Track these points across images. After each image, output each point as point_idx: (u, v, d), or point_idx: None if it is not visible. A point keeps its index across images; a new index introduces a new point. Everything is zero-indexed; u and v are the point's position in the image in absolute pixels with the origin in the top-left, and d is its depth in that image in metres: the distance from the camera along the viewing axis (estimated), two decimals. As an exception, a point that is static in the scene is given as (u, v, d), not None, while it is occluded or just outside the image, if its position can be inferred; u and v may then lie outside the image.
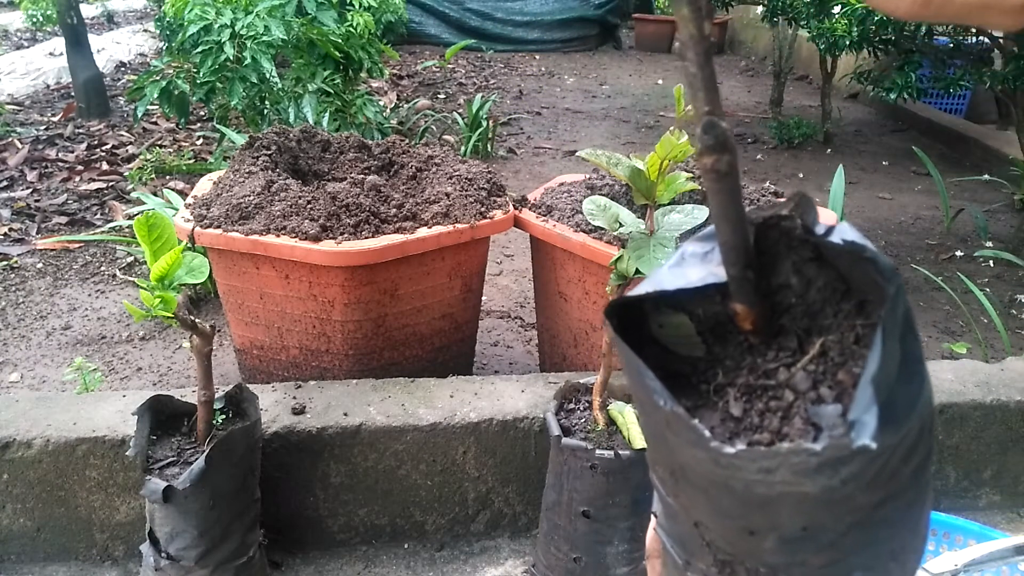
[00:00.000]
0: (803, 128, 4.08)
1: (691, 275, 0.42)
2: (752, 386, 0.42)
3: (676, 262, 0.43)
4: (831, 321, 0.41)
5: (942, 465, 1.60)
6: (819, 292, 0.42)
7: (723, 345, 0.44)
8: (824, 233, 0.39)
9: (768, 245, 0.42)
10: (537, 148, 3.99)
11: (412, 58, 6.08)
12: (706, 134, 0.36)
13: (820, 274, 0.41)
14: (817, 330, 0.41)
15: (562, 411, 1.34)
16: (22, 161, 3.40)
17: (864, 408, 0.32)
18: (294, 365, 1.67)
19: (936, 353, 2.15)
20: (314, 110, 2.89)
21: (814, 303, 0.42)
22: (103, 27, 7.07)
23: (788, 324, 0.42)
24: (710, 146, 0.36)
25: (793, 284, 0.42)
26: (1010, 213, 3.22)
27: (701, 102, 0.36)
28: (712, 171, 0.37)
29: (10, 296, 2.35)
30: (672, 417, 0.36)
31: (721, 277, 0.41)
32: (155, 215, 1.11)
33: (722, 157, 0.36)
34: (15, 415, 1.41)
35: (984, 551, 1.01)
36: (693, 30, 0.34)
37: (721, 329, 0.44)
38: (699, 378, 0.44)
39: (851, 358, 0.39)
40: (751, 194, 1.76)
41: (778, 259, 0.42)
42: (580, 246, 1.55)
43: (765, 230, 0.42)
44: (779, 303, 0.43)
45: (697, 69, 0.35)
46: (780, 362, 0.41)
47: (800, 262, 0.42)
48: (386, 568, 1.45)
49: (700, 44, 0.35)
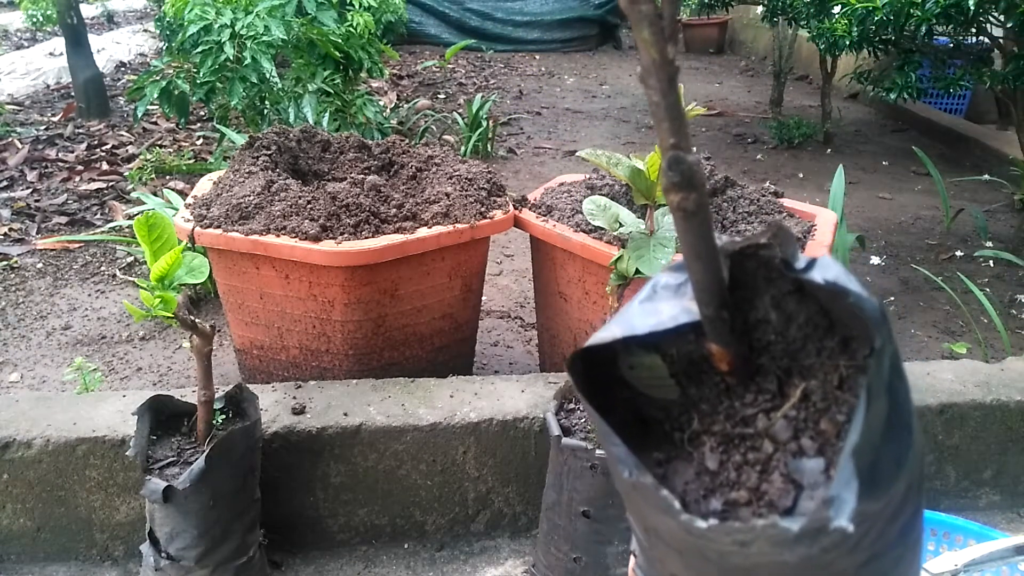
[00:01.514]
0: (803, 128, 4.08)
1: (663, 312, 0.38)
2: (729, 435, 0.38)
3: (648, 296, 0.40)
4: (813, 360, 0.38)
5: (942, 465, 1.60)
6: (800, 329, 0.38)
7: (698, 386, 0.41)
8: (805, 268, 0.36)
9: (745, 277, 0.39)
10: (537, 148, 3.99)
11: (412, 58, 6.08)
12: (671, 170, 0.33)
13: (801, 309, 0.38)
14: (798, 370, 0.38)
15: (562, 411, 1.34)
16: (22, 161, 3.40)
17: (844, 483, 0.30)
18: (294, 365, 1.67)
19: (936, 353, 2.15)
20: (314, 110, 2.89)
21: (795, 341, 0.38)
22: (103, 27, 7.07)
23: (767, 363, 0.39)
24: (676, 183, 0.33)
25: (772, 320, 0.39)
26: (1010, 213, 3.22)
27: (666, 133, 0.33)
28: (679, 209, 0.34)
29: (10, 296, 2.35)
30: (640, 485, 0.33)
31: (695, 314, 0.37)
32: (155, 215, 1.11)
33: (689, 195, 0.33)
34: (15, 415, 1.41)
35: (984, 551, 1.01)
36: (655, 55, 0.31)
37: (696, 369, 0.41)
38: (673, 424, 0.41)
39: (834, 403, 0.36)
40: (751, 194, 1.76)
41: (756, 292, 0.39)
42: (580, 246, 1.55)
43: (741, 260, 0.38)
44: (758, 340, 0.39)
45: (660, 97, 0.32)
46: (759, 407, 0.38)
47: (779, 296, 0.39)
48: (386, 568, 1.45)
49: (663, 70, 0.32)
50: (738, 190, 1.78)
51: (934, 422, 1.55)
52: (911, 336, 2.25)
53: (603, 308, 1.52)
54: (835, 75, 4.04)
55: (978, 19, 2.48)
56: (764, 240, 0.37)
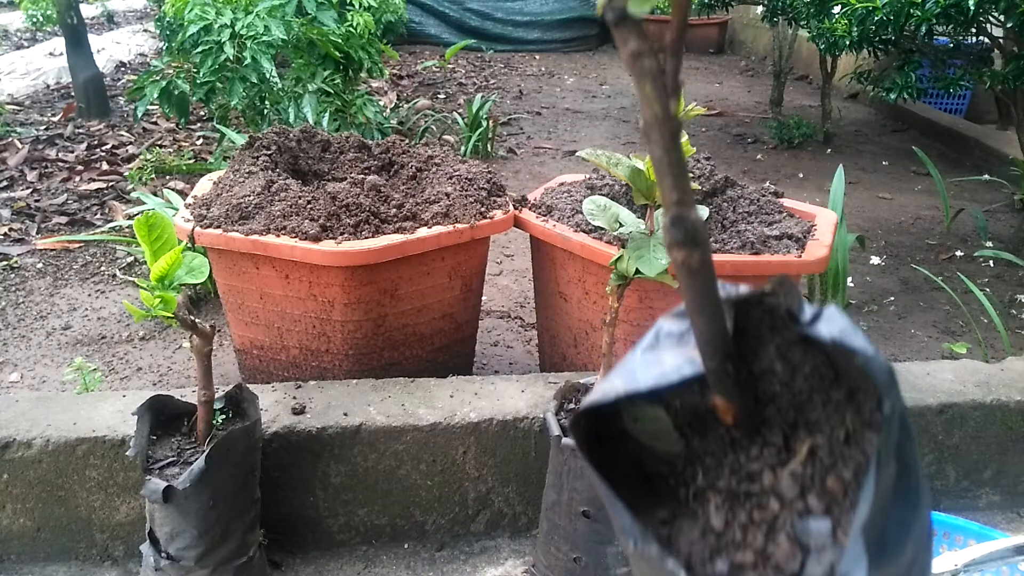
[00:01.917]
0: (803, 128, 4.08)
1: (667, 362, 0.38)
2: (735, 492, 0.38)
3: (650, 344, 0.39)
4: (819, 413, 0.37)
5: (942, 465, 1.60)
6: (806, 380, 0.38)
7: (703, 438, 0.40)
8: (811, 320, 0.35)
9: (750, 325, 0.38)
10: (537, 148, 3.99)
11: (412, 58, 6.08)
12: (674, 228, 0.32)
13: (807, 359, 0.38)
14: (804, 423, 0.38)
15: (562, 411, 1.34)
16: (22, 161, 3.40)
17: (854, 561, 0.29)
18: (294, 365, 1.66)
19: (936, 353, 2.15)
20: (314, 110, 2.89)
21: (801, 392, 0.38)
22: (103, 27, 7.07)
23: (773, 415, 0.39)
24: (679, 241, 0.32)
25: (778, 370, 0.38)
26: (1010, 213, 3.22)
27: (668, 189, 0.32)
28: (682, 267, 0.33)
29: (10, 296, 2.35)
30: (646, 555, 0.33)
31: (699, 366, 0.37)
32: (155, 215, 1.11)
33: (693, 253, 0.33)
34: (15, 415, 1.41)
35: (984, 551, 1.01)
36: (658, 110, 0.31)
37: (701, 421, 0.40)
38: (677, 480, 0.40)
39: (841, 460, 0.36)
40: (751, 194, 1.76)
41: (761, 342, 0.39)
42: (580, 246, 1.55)
43: (746, 308, 0.38)
44: (763, 391, 0.39)
45: (663, 152, 0.32)
46: (765, 462, 0.38)
47: (784, 346, 0.38)
48: (386, 568, 1.45)
49: (666, 125, 0.31)
50: (738, 190, 1.78)
51: (934, 422, 1.55)
52: (911, 336, 2.25)
53: (603, 308, 1.52)
54: (835, 75, 4.04)
55: (978, 19, 2.47)
56: (768, 290, 0.37)
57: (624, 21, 0.30)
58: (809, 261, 1.53)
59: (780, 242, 1.55)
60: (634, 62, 0.30)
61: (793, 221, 1.68)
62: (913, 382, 1.60)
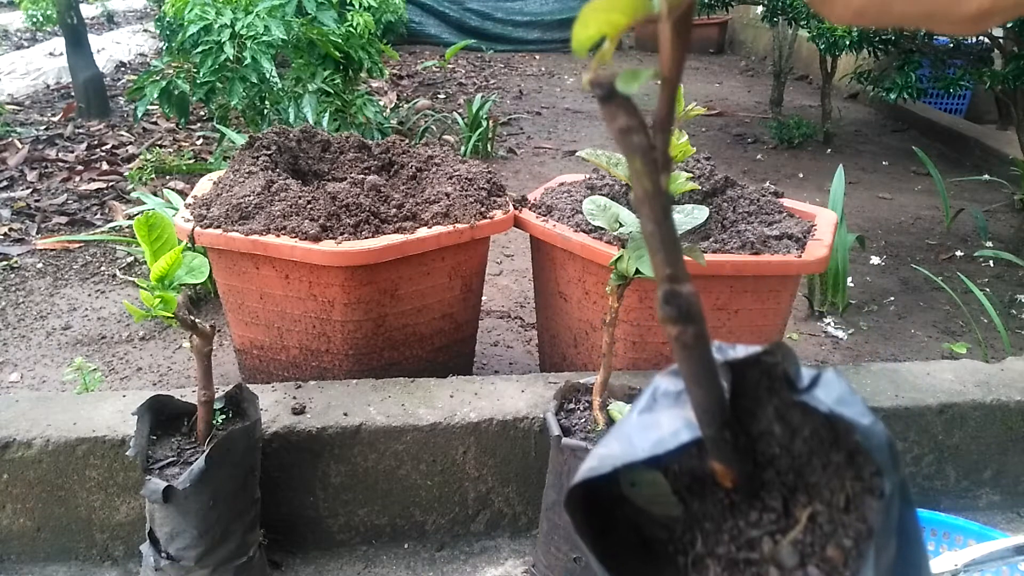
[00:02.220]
0: (803, 128, 4.08)
1: (664, 426, 0.37)
2: (734, 559, 0.37)
3: (647, 405, 0.39)
4: (819, 476, 0.37)
5: (942, 465, 1.60)
6: (805, 443, 0.37)
7: (702, 501, 0.40)
8: (809, 386, 0.35)
9: (747, 386, 0.38)
10: (537, 148, 3.99)
11: (412, 58, 6.08)
12: (667, 304, 0.32)
13: (805, 421, 0.37)
14: (804, 487, 0.37)
15: (562, 411, 1.34)
16: (22, 161, 3.40)
17: None
18: (294, 365, 1.66)
19: (936, 353, 2.15)
20: (314, 110, 2.89)
21: (800, 455, 0.37)
22: (103, 27, 7.07)
23: (772, 478, 0.38)
24: (673, 317, 0.32)
25: (776, 432, 0.38)
26: (1010, 213, 3.22)
27: (661, 264, 0.32)
28: (677, 342, 0.33)
29: (10, 296, 2.35)
30: None
31: (698, 429, 0.37)
32: (155, 215, 1.11)
33: (687, 329, 0.32)
34: (15, 415, 1.41)
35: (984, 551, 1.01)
36: (648, 185, 0.31)
37: (699, 484, 0.40)
38: (676, 546, 0.40)
39: (841, 527, 0.35)
40: (751, 194, 1.76)
41: (759, 403, 0.38)
42: (580, 246, 1.55)
43: (743, 368, 0.38)
44: (762, 452, 0.38)
45: (655, 227, 0.31)
46: (764, 529, 0.37)
47: (783, 407, 0.38)
48: (386, 568, 1.45)
49: (657, 200, 0.31)
50: (738, 190, 1.78)
51: (934, 422, 1.55)
52: (911, 336, 2.25)
53: (603, 308, 1.52)
54: (835, 75, 4.04)
55: (978, 19, 2.47)
56: (765, 351, 0.37)
57: (613, 97, 0.29)
58: (809, 261, 1.53)
59: (780, 242, 1.55)
60: (623, 137, 0.30)
61: (793, 221, 1.68)
62: (913, 382, 1.60)
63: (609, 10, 0.30)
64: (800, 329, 2.28)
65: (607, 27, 0.30)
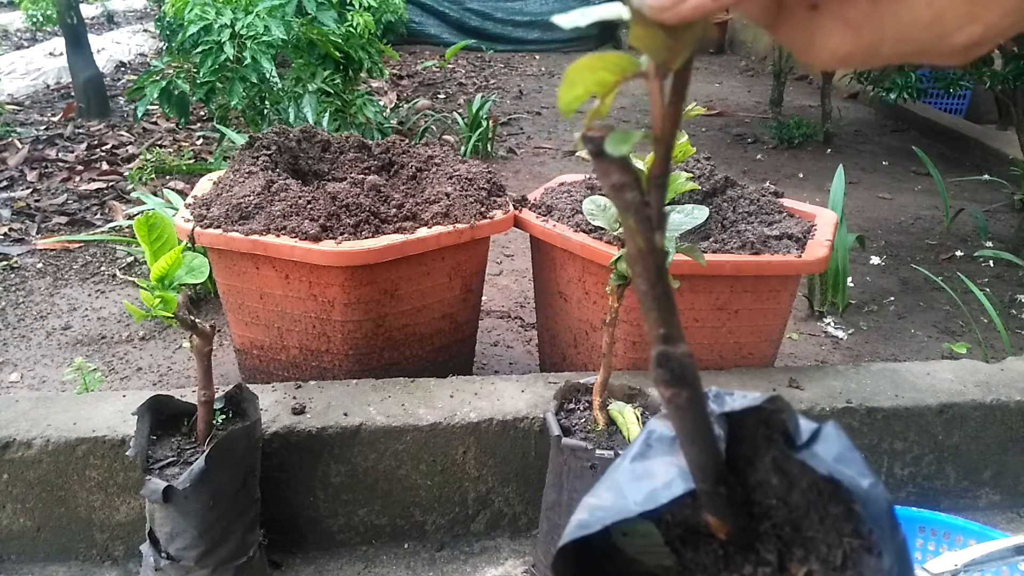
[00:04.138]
0: (803, 128, 4.08)
1: (658, 476, 0.36)
2: None
3: (640, 451, 0.37)
4: (816, 531, 0.36)
5: (942, 465, 1.60)
6: (803, 495, 0.36)
7: (695, 551, 0.39)
8: (808, 440, 0.34)
9: (745, 435, 0.37)
10: (537, 148, 3.99)
11: (412, 58, 6.08)
12: (660, 367, 0.31)
13: (804, 473, 0.36)
14: (800, 542, 0.36)
15: (562, 411, 1.34)
16: (22, 161, 3.40)
17: None
18: (294, 365, 1.66)
19: (936, 353, 2.15)
20: (314, 110, 2.89)
21: (797, 508, 0.36)
22: (103, 27, 7.06)
23: (768, 530, 0.37)
24: (666, 380, 0.31)
25: (773, 483, 0.37)
26: (1010, 213, 3.22)
27: (654, 324, 0.31)
28: (670, 404, 0.32)
29: (10, 296, 2.35)
30: None
31: (692, 480, 0.36)
32: (155, 215, 1.11)
33: (680, 392, 0.32)
34: (15, 415, 1.41)
35: (984, 551, 1.01)
36: (642, 243, 0.30)
37: (693, 534, 0.39)
38: None
39: None
40: (751, 194, 1.76)
41: (756, 452, 0.37)
42: (580, 246, 1.55)
43: (741, 417, 0.37)
44: (758, 502, 0.37)
45: (648, 287, 0.30)
46: None
47: (781, 458, 0.37)
48: (386, 568, 1.45)
49: (651, 258, 0.30)
50: (738, 190, 1.78)
51: (934, 422, 1.55)
52: (911, 336, 2.25)
53: (603, 308, 1.52)
54: (835, 75, 4.04)
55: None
56: (763, 404, 0.36)
57: (606, 153, 0.29)
58: (809, 261, 1.53)
59: (780, 242, 1.55)
60: (616, 194, 0.29)
61: (793, 221, 1.68)
62: (913, 382, 1.60)
63: (596, 69, 0.29)
64: (800, 329, 2.28)
65: (595, 86, 0.30)
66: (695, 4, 0.27)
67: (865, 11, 0.29)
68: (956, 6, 0.28)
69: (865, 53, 0.30)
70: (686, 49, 0.28)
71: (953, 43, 0.28)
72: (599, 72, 0.29)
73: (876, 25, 0.29)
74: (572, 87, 0.30)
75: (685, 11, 0.27)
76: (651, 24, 0.27)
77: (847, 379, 1.60)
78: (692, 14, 0.27)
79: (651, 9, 0.27)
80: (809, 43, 0.30)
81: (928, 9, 0.28)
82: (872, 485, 0.32)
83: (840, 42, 0.29)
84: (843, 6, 0.29)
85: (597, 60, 0.29)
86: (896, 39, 0.29)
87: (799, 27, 0.31)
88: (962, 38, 0.28)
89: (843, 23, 0.29)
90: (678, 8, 0.27)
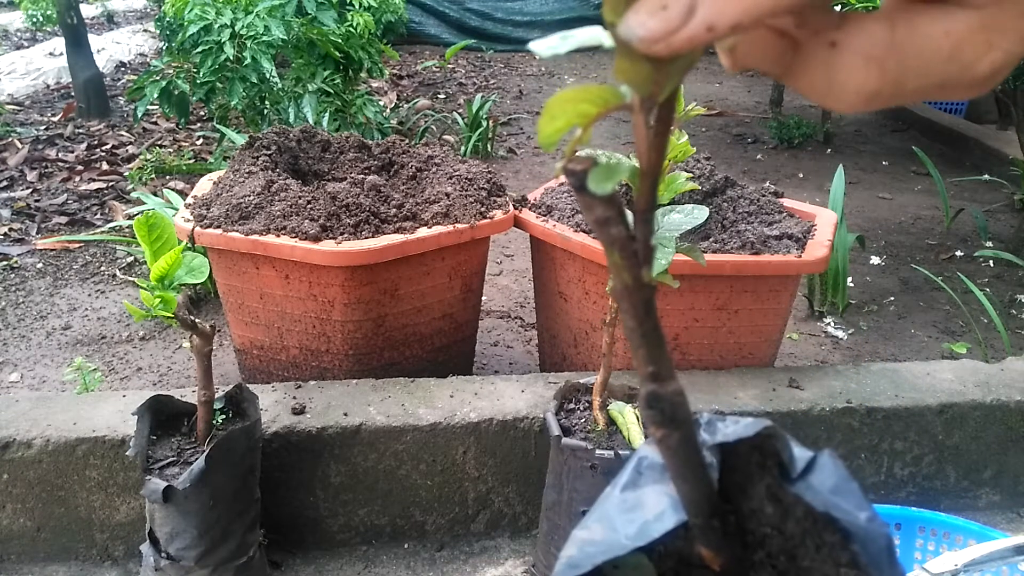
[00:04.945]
0: (803, 128, 4.08)
1: (649, 507, 0.35)
2: None
3: (631, 480, 0.37)
4: (812, 561, 0.35)
5: (942, 465, 1.60)
6: (798, 523, 0.35)
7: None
8: (803, 471, 0.34)
9: (738, 462, 0.36)
10: (537, 148, 3.99)
11: (412, 58, 6.08)
12: (649, 408, 0.30)
13: (799, 503, 0.35)
14: (795, 572, 0.36)
15: (562, 411, 1.34)
16: (22, 161, 3.40)
17: None
18: (294, 365, 1.67)
19: (936, 353, 2.15)
20: (314, 110, 2.89)
21: (792, 536, 0.35)
22: (103, 27, 7.06)
23: (763, 560, 0.36)
24: (656, 421, 0.30)
25: (768, 512, 0.36)
26: (1010, 213, 3.22)
27: (643, 361, 0.30)
28: (661, 444, 0.31)
29: (10, 296, 2.35)
30: None
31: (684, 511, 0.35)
32: (155, 215, 1.11)
33: (671, 433, 0.31)
34: (15, 415, 1.41)
35: (984, 551, 1.01)
36: (628, 279, 0.29)
37: (686, 566, 0.38)
38: None
39: None
40: (751, 194, 1.76)
41: (750, 480, 0.36)
42: (580, 246, 1.55)
43: (735, 446, 0.36)
44: (752, 531, 0.37)
45: (636, 323, 0.29)
46: None
47: (775, 486, 0.36)
48: (386, 568, 1.45)
49: (638, 294, 0.29)
50: (738, 190, 1.78)
51: (934, 422, 1.55)
52: (911, 336, 2.25)
53: (603, 308, 1.52)
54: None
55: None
56: (757, 434, 0.35)
57: (587, 190, 0.28)
58: (809, 261, 1.53)
59: (780, 242, 1.55)
60: (600, 229, 0.28)
61: (793, 221, 1.68)
62: (913, 382, 1.60)
63: (579, 101, 0.28)
64: (800, 329, 2.28)
65: (577, 118, 0.29)
66: (689, 35, 0.25)
67: (886, 44, 0.28)
68: (974, 34, 0.27)
69: (892, 90, 0.29)
70: (673, 81, 0.27)
71: (975, 74, 0.28)
72: (581, 104, 0.28)
73: (899, 58, 0.28)
74: (553, 120, 0.29)
75: (678, 43, 0.25)
76: (637, 57, 0.26)
77: (847, 379, 1.60)
78: (686, 47, 0.25)
79: (641, 41, 0.25)
80: (830, 84, 0.29)
81: (947, 39, 0.27)
82: (869, 519, 0.32)
83: (865, 80, 0.28)
84: (863, 41, 0.28)
85: (579, 92, 0.28)
86: (918, 73, 0.28)
87: (818, 69, 0.29)
88: (984, 67, 0.28)
89: (865, 59, 0.28)
90: (670, 40, 0.25)
